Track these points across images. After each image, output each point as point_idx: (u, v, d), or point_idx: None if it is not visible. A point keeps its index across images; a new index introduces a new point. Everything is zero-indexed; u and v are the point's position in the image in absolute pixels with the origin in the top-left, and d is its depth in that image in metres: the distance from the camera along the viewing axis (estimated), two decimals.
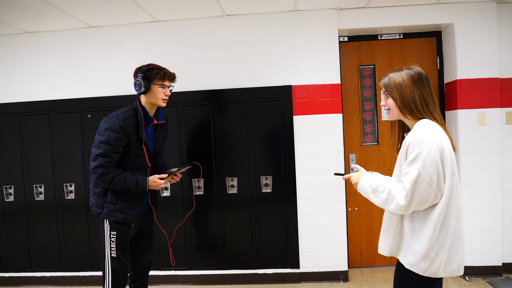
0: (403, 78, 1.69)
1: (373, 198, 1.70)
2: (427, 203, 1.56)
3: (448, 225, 1.59)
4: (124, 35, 3.50)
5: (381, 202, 1.67)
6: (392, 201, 1.62)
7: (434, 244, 1.57)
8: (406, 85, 1.68)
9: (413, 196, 1.55)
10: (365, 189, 1.72)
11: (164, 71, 2.35)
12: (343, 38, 3.59)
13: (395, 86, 1.70)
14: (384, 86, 1.75)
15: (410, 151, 1.58)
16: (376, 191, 1.68)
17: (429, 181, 1.53)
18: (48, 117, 3.53)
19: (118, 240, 2.29)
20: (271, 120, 3.40)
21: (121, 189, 2.25)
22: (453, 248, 1.61)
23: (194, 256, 3.49)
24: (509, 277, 3.34)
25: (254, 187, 3.42)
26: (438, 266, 1.57)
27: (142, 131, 2.30)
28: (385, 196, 1.64)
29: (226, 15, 3.42)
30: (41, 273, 3.60)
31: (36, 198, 3.56)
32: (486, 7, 3.30)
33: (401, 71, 1.71)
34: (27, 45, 3.59)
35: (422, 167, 1.53)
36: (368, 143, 3.66)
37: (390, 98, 1.74)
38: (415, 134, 1.59)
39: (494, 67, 3.31)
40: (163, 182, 2.37)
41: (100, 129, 2.25)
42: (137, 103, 2.35)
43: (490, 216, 3.33)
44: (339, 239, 3.41)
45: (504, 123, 3.37)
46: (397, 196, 1.60)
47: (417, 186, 1.54)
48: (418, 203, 1.56)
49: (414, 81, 1.68)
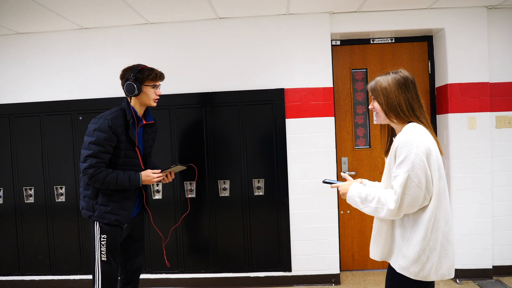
0: (389, 82, 1.71)
1: (363, 208, 1.69)
2: (417, 205, 1.57)
3: (438, 228, 1.60)
4: (116, 37, 3.49)
5: (371, 211, 1.67)
6: (382, 208, 1.62)
7: (425, 248, 1.58)
8: (392, 89, 1.69)
9: (403, 199, 1.56)
10: (354, 200, 1.72)
11: (155, 72, 2.36)
12: (336, 42, 3.61)
13: (381, 91, 1.72)
14: (371, 90, 1.77)
15: (398, 153, 1.60)
16: (365, 200, 1.68)
17: (418, 183, 1.54)
18: (39, 118, 3.49)
19: (108, 244, 2.27)
20: (264, 123, 3.40)
21: (115, 187, 2.24)
22: (444, 251, 1.62)
23: (186, 259, 3.47)
24: (499, 279, 3.37)
25: (246, 190, 3.41)
26: (429, 270, 1.58)
27: (132, 132, 2.29)
28: (374, 205, 1.65)
29: (219, 18, 3.42)
30: (30, 277, 3.56)
31: (26, 201, 3.52)
32: (476, 13, 3.34)
33: (388, 75, 1.73)
34: (18, 46, 3.56)
35: (411, 169, 1.54)
36: (360, 146, 3.67)
37: (376, 101, 1.76)
38: (403, 137, 1.61)
39: (484, 72, 3.35)
40: (156, 176, 2.36)
41: (89, 130, 2.24)
42: (126, 104, 2.34)
43: (481, 219, 3.36)
44: (331, 242, 3.41)
45: (494, 127, 3.41)
46: (387, 203, 1.60)
47: (407, 189, 1.55)
48: (408, 206, 1.57)
49: (400, 86, 1.69)
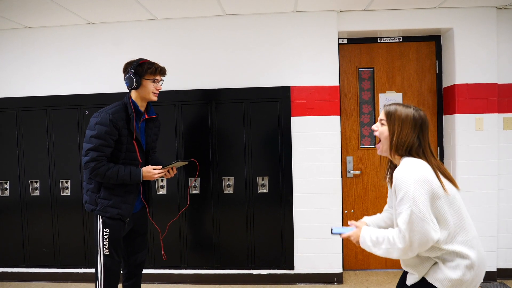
0: (408, 116, 1.67)
1: (376, 251, 1.67)
2: (428, 241, 1.53)
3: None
4: (123, 32, 3.50)
5: (384, 253, 1.64)
6: (393, 249, 1.59)
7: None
8: (408, 124, 1.66)
9: (412, 237, 1.53)
10: (367, 244, 1.69)
11: (155, 66, 2.37)
12: (343, 40, 3.59)
13: (398, 119, 1.67)
14: (387, 114, 1.71)
15: (397, 190, 1.58)
16: (377, 243, 1.65)
17: (423, 217, 1.51)
18: (46, 112, 3.51)
19: (111, 238, 2.29)
20: (269, 120, 3.39)
21: (115, 181, 2.25)
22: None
23: (188, 255, 3.48)
24: (504, 282, 3.34)
25: (250, 187, 3.41)
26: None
27: (133, 125, 2.30)
28: (385, 246, 1.62)
29: (226, 15, 3.42)
30: (35, 269, 3.59)
31: (31, 194, 3.55)
32: (486, 13, 3.31)
33: (409, 108, 1.69)
34: (26, 40, 3.58)
35: (413, 204, 1.51)
36: (365, 145, 3.66)
37: (385, 127, 1.71)
38: (400, 174, 1.58)
39: (492, 73, 3.31)
40: (157, 172, 2.36)
41: (91, 124, 2.26)
42: (128, 98, 2.36)
43: (486, 222, 3.33)
44: (335, 241, 3.40)
45: (502, 129, 3.37)
46: (396, 242, 1.58)
47: (413, 225, 1.52)
48: (419, 243, 1.53)
49: (416, 124, 1.66)
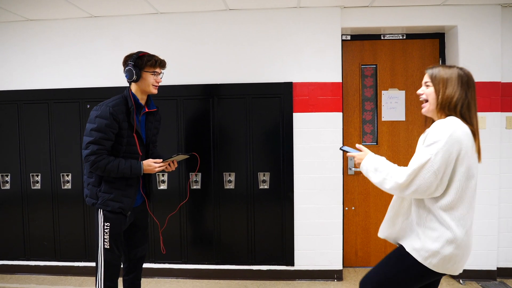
0: (453, 74, 1.66)
1: (371, 176, 1.69)
2: (426, 192, 1.55)
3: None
4: (125, 26, 3.48)
5: (379, 181, 1.66)
6: (390, 180, 1.61)
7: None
8: (453, 81, 1.65)
9: (415, 179, 1.54)
10: (367, 167, 1.71)
11: (155, 58, 2.36)
12: (346, 36, 3.57)
13: (441, 79, 1.67)
14: (430, 76, 1.71)
15: (429, 137, 1.57)
16: (377, 170, 1.68)
17: (436, 171, 1.52)
18: (47, 106, 3.50)
19: (111, 232, 2.28)
20: (271, 116, 3.38)
21: (116, 175, 2.24)
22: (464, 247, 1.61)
23: (189, 250, 3.49)
24: (504, 281, 3.34)
25: (251, 183, 3.41)
26: (442, 260, 1.58)
27: (133, 118, 2.29)
28: (384, 175, 1.64)
29: (229, 9, 3.40)
30: (35, 262, 3.60)
31: (32, 187, 3.55)
32: (490, 11, 3.28)
33: (452, 68, 1.68)
34: (28, 33, 3.56)
35: (435, 155, 1.52)
36: (367, 142, 3.65)
37: (432, 88, 1.70)
38: (439, 124, 1.58)
39: (496, 71, 3.29)
40: (158, 165, 2.35)
41: (91, 117, 2.26)
42: (128, 91, 2.35)
43: (487, 220, 3.32)
44: (335, 238, 3.40)
45: (504, 128, 3.36)
46: (397, 175, 1.59)
47: (423, 171, 1.53)
48: (417, 188, 1.55)
49: (462, 82, 1.65)
